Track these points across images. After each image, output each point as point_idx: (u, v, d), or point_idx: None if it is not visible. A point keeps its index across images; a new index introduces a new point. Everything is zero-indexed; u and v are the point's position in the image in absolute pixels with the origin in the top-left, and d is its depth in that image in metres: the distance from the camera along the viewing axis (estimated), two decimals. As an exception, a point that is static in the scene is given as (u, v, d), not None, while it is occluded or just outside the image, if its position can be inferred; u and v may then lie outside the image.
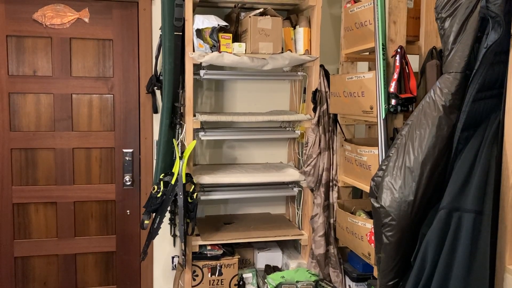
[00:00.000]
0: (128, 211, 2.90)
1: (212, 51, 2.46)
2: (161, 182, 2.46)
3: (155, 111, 2.82)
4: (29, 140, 2.74)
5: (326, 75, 2.64)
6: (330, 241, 2.63)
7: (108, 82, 2.81)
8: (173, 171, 2.47)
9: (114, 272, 2.92)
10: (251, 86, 2.97)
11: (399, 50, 2.09)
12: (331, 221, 2.63)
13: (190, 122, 2.49)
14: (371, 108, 2.18)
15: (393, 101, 2.08)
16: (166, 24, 2.46)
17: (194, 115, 2.54)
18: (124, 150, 2.86)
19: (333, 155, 2.65)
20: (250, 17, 2.48)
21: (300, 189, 2.81)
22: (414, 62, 2.21)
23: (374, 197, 1.90)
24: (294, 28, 2.66)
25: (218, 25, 2.45)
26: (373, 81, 2.15)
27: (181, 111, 2.55)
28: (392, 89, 2.07)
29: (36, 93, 2.73)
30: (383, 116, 2.08)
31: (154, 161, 2.78)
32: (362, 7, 2.31)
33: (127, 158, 2.86)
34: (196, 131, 2.58)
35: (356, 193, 2.78)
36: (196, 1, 2.54)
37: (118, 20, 2.79)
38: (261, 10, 2.55)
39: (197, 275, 2.60)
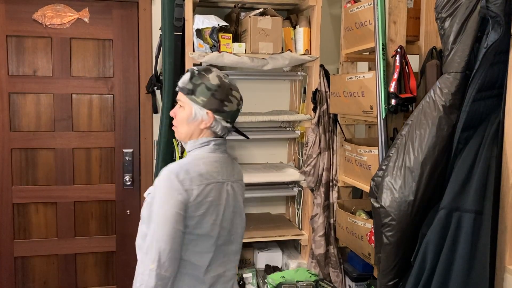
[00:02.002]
0: (128, 211, 2.90)
1: (212, 51, 2.46)
2: (161, 182, 2.46)
3: (155, 111, 2.82)
4: (29, 140, 2.74)
5: (326, 75, 2.64)
6: (330, 241, 2.63)
7: (108, 82, 2.81)
8: (173, 171, 2.47)
9: (114, 272, 2.92)
10: (251, 86, 2.97)
11: (399, 50, 2.09)
12: (331, 221, 2.63)
13: (190, 122, 2.49)
14: (371, 108, 2.18)
15: (393, 101, 2.08)
16: (166, 24, 2.46)
17: (194, 115, 2.53)
18: (124, 150, 2.86)
19: (333, 155, 2.65)
20: (250, 17, 2.48)
21: (300, 189, 2.81)
22: (414, 62, 2.21)
23: (374, 197, 1.90)
24: (294, 28, 2.66)
25: (218, 25, 2.45)
26: (373, 81, 2.15)
27: (181, 111, 2.55)
28: (392, 89, 2.07)
29: (36, 93, 2.73)
30: (383, 116, 2.08)
31: (154, 161, 2.78)
32: (362, 7, 2.31)
33: (127, 158, 2.86)
34: (196, 131, 2.58)
35: (356, 193, 2.78)
36: (196, 1, 2.54)
37: (118, 20, 2.79)
38: (261, 10, 2.55)
39: (197, 275, 2.60)
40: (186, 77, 1.53)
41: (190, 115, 1.51)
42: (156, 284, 1.36)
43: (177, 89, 1.54)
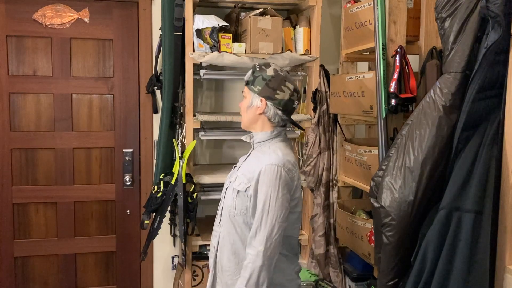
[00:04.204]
0: (128, 211, 2.90)
1: (212, 51, 2.46)
2: (161, 182, 2.46)
3: (155, 111, 2.82)
4: (29, 140, 2.74)
5: (326, 75, 2.64)
6: (330, 241, 2.63)
7: (108, 82, 2.81)
8: (173, 171, 2.47)
9: (114, 272, 2.92)
10: (251, 86, 2.97)
11: (399, 50, 2.09)
12: (331, 221, 2.63)
13: (190, 122, 2.49)
14: (371, 108, 2.18)
15: (393, 101, 2.08)
16: (166, 24, 2.46)
17: (194, 115, 2.54)
18: (124, 150, 2.86)
19: (333, 155, 2.65)
20: (250, 17, 2.48)
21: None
22: (414, 62, 2.21)
23: (374, 197, 1.90)
24: (294, 28, 2.66)
25: (218, 25, 2.45)
26: (373, 81, 2.15)
27: (181, 111, 2.55)
28: (392, 89, 2.07)
29: (36, 93, 2.73)
30: (383, 116, 2.08)
31: (154, 161, 2.78)
32: (362, 7, 2.31)
33: (127, 158, 2.86)
34: (196, 131, 2.58)
35: (356, 193, 2.78)
36: (196, 1, 2.54)
37: (118, 20, 2.78)
38: (261, 10, 2.55)
39: (197, 275, 2.60)
40: (249, 71, 1.76)
41: (248, 103, 1.74)
42: (263, 263, 1.57)
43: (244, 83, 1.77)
